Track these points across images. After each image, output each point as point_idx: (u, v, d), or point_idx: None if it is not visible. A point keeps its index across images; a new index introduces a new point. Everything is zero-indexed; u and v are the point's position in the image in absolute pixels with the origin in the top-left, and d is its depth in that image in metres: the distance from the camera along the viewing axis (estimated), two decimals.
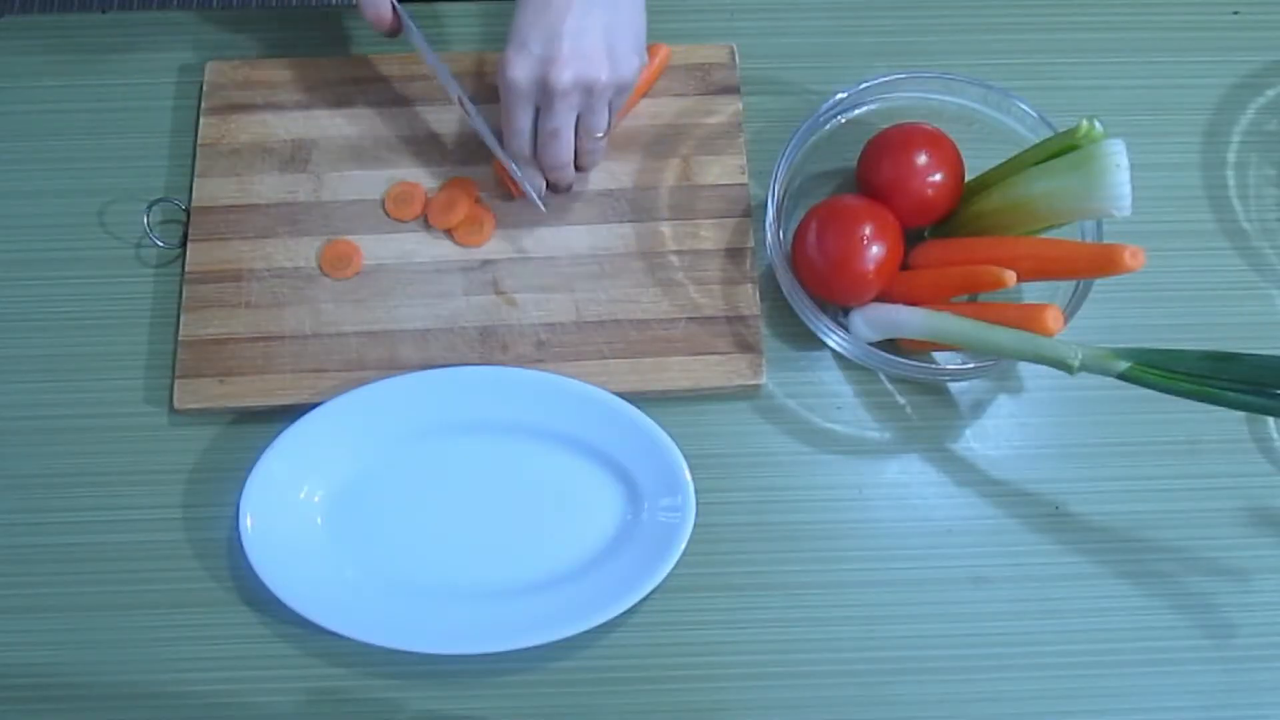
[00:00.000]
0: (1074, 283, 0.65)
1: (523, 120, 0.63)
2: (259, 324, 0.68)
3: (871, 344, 0.65)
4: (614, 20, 0.61)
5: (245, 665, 0.63)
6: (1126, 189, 0.60)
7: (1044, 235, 0.66)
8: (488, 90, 0.73)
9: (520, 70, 0.60)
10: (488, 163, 0.71)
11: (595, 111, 0.63)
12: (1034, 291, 0.69)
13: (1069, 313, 0.63)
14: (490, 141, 0.68)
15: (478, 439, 0.66)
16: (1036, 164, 0.64)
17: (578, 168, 0.67)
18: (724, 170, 0.72)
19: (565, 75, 0.59)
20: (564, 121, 0.62)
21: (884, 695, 0.63)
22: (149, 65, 0.76)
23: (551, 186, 0.69)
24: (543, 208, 0.68)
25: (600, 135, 0.65)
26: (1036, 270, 0.64)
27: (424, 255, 0.70)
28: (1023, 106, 0.67)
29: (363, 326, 0.68)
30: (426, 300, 0.69)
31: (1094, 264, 0.62)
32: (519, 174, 0.67)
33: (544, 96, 0.61)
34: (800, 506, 0.67)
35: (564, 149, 0.64)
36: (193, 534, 0.66)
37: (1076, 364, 0.59)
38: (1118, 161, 0.59)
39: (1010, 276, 0.61)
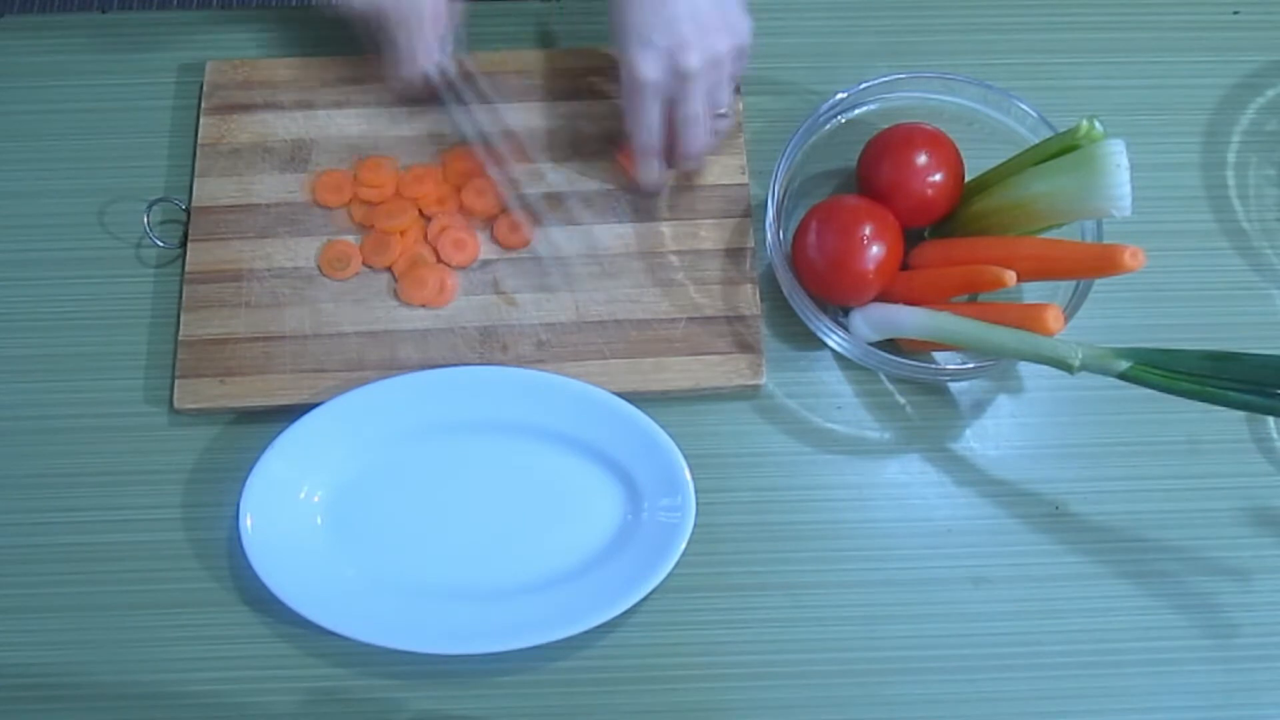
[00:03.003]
0: (1074, 283, 0.65)
1: (654, 114, 0.63)
2: (259, 324, 0.68)
3: (871, 344, 0.65)
4: None
5: (245, 665, 0.63)
6: (1126, 189, 0.60)
7: (1044, 235, 0.66)
8: (506, 88, 0.73)
9: (650, 67, 0.60)
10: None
11: (721, 86, 0.63)
12: (1034, 291, 0.69)
13: (1069, 313, 0.63)
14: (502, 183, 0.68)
15: (478, 439, 0.66)
16: (1036, 164, 0.64)
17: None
18: (724, 170, 0.72)
19: (694, 58, 0.59)
20: (699, 106, 0.62)
21: (884, 695, 0.63)
22: (149, 65, 0.76)
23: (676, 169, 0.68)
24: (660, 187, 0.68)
25: (724, 110, 0.65)
26: (1037, 270, 0.64)
27: None
28: (1023, 106, 0.67)
29: (363, 326, 0.68)
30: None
31: (1094, 264, 0.62)
32: (644, 167, 0.66)
33: (678, 84, 0.61)
34: (800, 506, 0.67)
35: (703, 133, 0.64)
36: (193, 534, 0.66)
37: (1077, 364, 0.59)
38: (1118, 161, 0.59)
39: (1010, 276, 0.61)
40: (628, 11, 0.60)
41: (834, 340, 0.66)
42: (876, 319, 0.66)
